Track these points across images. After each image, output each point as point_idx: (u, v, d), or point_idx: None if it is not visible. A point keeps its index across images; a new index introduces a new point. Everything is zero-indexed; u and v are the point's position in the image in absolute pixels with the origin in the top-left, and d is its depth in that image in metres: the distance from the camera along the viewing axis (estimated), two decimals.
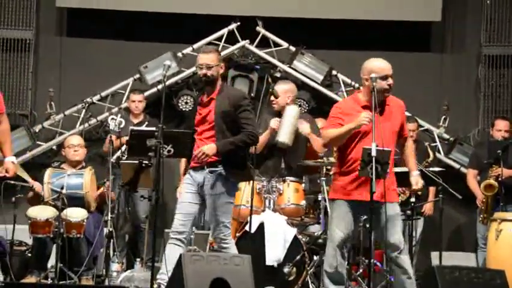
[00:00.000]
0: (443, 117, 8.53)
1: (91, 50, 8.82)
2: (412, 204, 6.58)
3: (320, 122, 7.26)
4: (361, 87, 5.43)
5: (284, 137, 6.52)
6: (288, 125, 6.55)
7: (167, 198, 7.25)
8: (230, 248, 5.38)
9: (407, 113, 6.01)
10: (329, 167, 6.62)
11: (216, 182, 5.28)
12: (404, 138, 5.40)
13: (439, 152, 8.45)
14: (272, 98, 6.77)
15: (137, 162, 5.31)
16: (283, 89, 6.77)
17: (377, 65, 5.24)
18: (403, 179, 5.52)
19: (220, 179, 5.29)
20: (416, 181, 5.33)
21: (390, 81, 5.23)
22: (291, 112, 6.61)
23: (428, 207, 7.57)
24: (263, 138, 6.56)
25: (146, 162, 5.23)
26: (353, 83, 8.57)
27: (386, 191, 5.04)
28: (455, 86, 8.88)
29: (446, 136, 8.57)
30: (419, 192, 6.26)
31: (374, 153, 4.93)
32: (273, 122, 6.58)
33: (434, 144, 8.43)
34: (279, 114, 6.70)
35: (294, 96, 6.83)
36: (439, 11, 8.65)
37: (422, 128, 8.39)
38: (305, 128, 6.67)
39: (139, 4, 8.66)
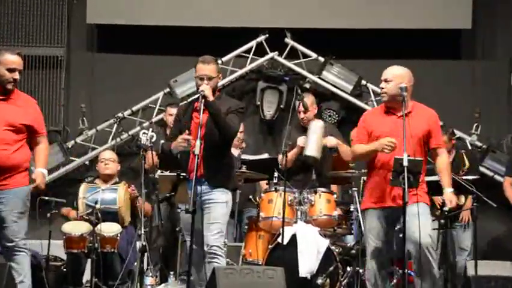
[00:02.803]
0: (475, 124, 8.46)
1: (121, 65, 8.92)
2: (446, 213, 6.50)
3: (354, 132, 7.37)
4: None
5: (312, 151, 6.55)
6: (314, 139, 6.57)
7: None
8: None
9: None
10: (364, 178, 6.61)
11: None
12: (434, 149, 5.33)
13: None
14: (302, 115, 6.84)
15: (174, 174, 5.32)
16: (310, 102, 6.82)
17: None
18: (436, 188, 5.48)
19: None
20: (449, 199, 5.26)
21: (382, 85, 5.32)
22: (316, 126, 6.64)
23: (465, 214, 7.43)
24: (292, 155, 6.60)
25: (184, 174, 5.23)
26: None
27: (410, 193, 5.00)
28: (487, 93, 8.80)
29: (479, 144, 8.48)
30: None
31: (405, 163, 4.92)
32: (300, 140, 6.60)
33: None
34: (305, 129, 6.73)
35: (316, 107, 6.93)
36: (469, 18, 8.59)
37: (455, 137, 8.31)
38: (331, 140, 6.67)
39: (168, 18, 8.72)
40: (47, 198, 6.68)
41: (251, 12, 8.77)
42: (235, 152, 7.45)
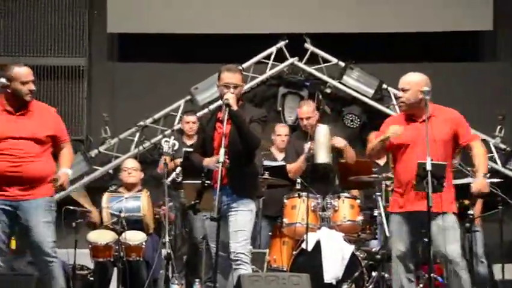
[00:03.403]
0: (499, 127, 8.41)
1: (142, 73, 8.97)
2: (471, 216, 6.47)
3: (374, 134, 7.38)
4: None
5: (322, 158, 6.52)
6: (322, 145, 6.54)
7: None
8: None
9: None
10: (388, 182, 6.60)
11: None
12: (467, 145, 5.26)
13: (496, 162, 8.31)
14: (304, 121, 6.85)
15: (199, 182, 5.33)
16: (312, 109, 6.82)
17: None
18: (463, 192, 5.46)
19: None
20: (477, 186, 5.11)
21: (400, 94, 5.32)
22: (322, 131, 6.60)
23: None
24: (299, 164, 6.65)
25: (208, 182, 5.24)
26: None
27: (440, 201, 4.99)
28: (509, 95, 8.74)
29: (503, 146, 8.43)
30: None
31: (429, 167, 4.90)
32: (306, 146, 6.58)
33: (491, 154, 8.29)
34: (306, 135, 6.74)
35: (317, 114, 6.98)
36: (490, 19, 8.55)
37: None
38: (340, 141, 6.68)
39: (187, 26, 8.77)
40: (72, 207, 6.75)
41: (270, 18, 8.79)
42: (279, 156, 7.49)
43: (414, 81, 5.27)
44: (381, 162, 7.34)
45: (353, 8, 8.73)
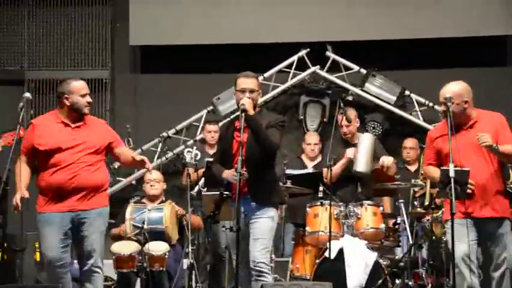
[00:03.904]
0: None
1: (164, 85, 9.04)
2: None
3: (409, 142, 7.63)
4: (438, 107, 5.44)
5: (362, 167, 6.52)
6: (364, 154, 6.54)
7: None
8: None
9: None
10: (416, 189, 6.56)
11: None
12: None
13: None
14: (344, 129, 6.81)
15: (218, 193, 5.33)
16: (354, 116, 6.79)
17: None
18: None
19: None
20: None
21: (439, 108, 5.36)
22: (367, 140, 6.60)
23: None
24: (338, 169, 6.59)
25: (227, 193, 5.23)
26: (426, 102, 8.47)
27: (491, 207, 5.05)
28: None
29: None
30: None
31: (452, 174, 4.88)
32: (350, 152, 6.57)
33: None
34: (348, 143, 6.70)
35: (358, 121, 6.94)
36: None
37: None
38: (388, 160, 6.63)
39: (208, 37, 8.82)
40: None
41: (291, 27, 8.81)
42: (309, 164, 7.48)
43: (456, 92, 5.21)
44: (412, 168, 7.31)
45: (374, 16, 8.72)
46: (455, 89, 5.23)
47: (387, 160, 6.61)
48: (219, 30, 8.84)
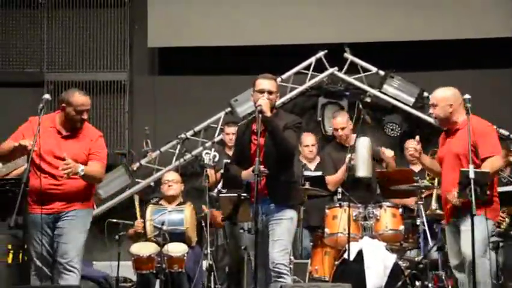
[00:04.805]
0: None
1: (183, 86, 9.06)
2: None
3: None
4: None
5: (363, 171, 6.49)
6: (363, 158, 6.51)
7: None
8: None
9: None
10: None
11: None
12: (482, 160, 5.15)
13: None
14: (339, 132, 6.83)
15: (235, 195, 5.34)
16: (346, 119, 6.81)
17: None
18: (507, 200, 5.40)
19: None
20: None
21: (430, 110, 5.39)
22: (364, 144, 6.56)
23: None
24: (339, 176, 6.62)
25: (245, 194, 5.23)
26: None
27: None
28: None
29: None
30: None
31: (472, 175, 4.86)
32: (348, 157, 6.53)
33: None
34: (342, 146, 6.75)
35: (351, 124, 6.92)
36: None
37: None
38: (389, 152, 6.65)
39: (226, 39, 8.83)
40: (115, 220, 6.82)
41: (309, 28, 8.79)
42: (309, 165, 7.46)
43: (441, 97, 5.33)
44: (416, 168, 7.27)
45: (392, 17, 8.69)
46: (439, 94, 5.34)
47: (387, 152, 6.65)
48: (236, 31, 8.84)
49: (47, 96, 5.27)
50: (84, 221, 5.31)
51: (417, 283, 6.30)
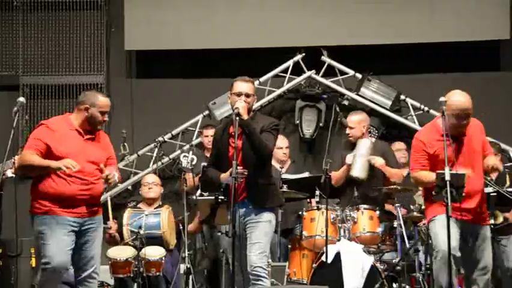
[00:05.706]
0: None
1: (160, 89, 9.03)
2: (493, 226, 6.35)
3: (398, 144, 7.71)
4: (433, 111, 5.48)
5: (358, 171, 6.57)
6: (361, 159, 6.58)
7: None
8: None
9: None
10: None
11: None
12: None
13: None
14: (348, 130, 6.82)
15: (213, 198, 5.32)
16: (357, 120, 6.80)
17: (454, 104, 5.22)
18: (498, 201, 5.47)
19: None
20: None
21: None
22: (363, 146, 6.64)
23: None
24: (340, 174, 6.62)
25: (222, 197, 5.22)
26: (422, 107, 8.48)
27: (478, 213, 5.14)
28: None
29: None
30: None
31: (447, 177, 4.88)
32: (349, 159, 6.59)
33: (510, 164, 8.20)
34: (354, 146, 6.72)
35: (368, 125, 6.90)
36: (508, 28, 8.50)
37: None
38: (379, 160, 6.65)
39: (203, 42, 8.82)
40: None
41: (287, 32, 8.81)
42: (282, 169, 7.43)
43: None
44: (404, 172, 7.30)
45: (369, 20, 8.73)
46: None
47: (375, 160, 6.62)
48: (214, 35, 8.83)
49: (21, 99, 5.21)
50: (102, 228, 5.36)
51: (394, 285, 6.31)
